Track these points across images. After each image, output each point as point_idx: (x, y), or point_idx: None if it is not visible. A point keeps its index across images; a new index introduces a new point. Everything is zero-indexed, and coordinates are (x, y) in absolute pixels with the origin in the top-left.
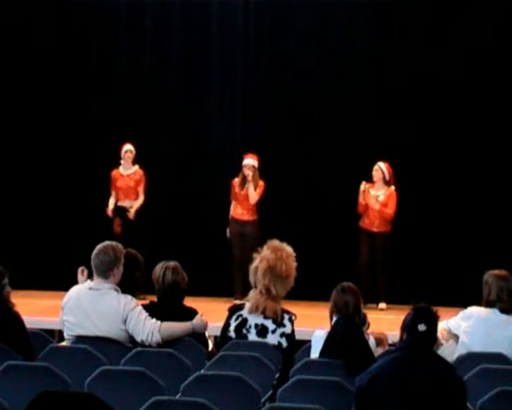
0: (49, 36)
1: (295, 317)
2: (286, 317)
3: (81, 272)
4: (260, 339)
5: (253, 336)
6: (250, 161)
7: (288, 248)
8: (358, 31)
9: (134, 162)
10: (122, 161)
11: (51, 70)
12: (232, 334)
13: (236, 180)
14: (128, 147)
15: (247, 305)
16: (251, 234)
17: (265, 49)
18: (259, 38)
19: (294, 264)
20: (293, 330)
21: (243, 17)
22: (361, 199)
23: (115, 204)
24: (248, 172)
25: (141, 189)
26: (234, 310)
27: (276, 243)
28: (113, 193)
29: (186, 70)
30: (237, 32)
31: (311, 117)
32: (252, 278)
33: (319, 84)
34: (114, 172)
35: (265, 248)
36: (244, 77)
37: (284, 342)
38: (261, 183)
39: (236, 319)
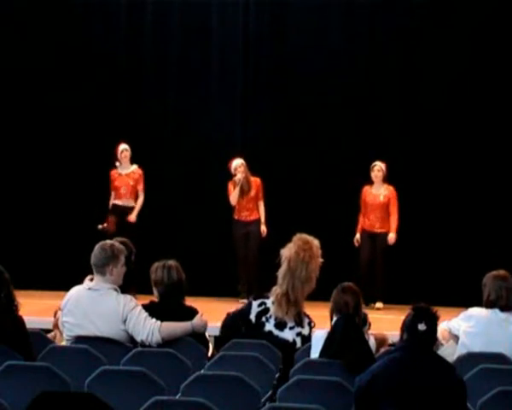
0: (49, 36)
1: (314, 324)
2: (306, 320)
3: (89, 280)
4: (277, 331)
5: (270, 326)
6: (238, 161)
7: (315, 248)
8: (358, 31)
9: (132, 161)
10: (118, 162)
11: (50, 70)
12: (253, 318)
13: (232, 183)
14: (123, 146)
15: (272, 299)
16: (255, 232)
17: (265, 49)
18: (259, 38)
19: (319, 261)
20: (309, 335)
21: (243, 17)
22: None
23: (112, 203)
24: (240, 171)
25: (140, 188)
26: (257, 297)
27: (303, 239)
28: (113, 193)
29: (186, 70)
30: (237, 32)
31: (311, 117)
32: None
33: (319, 85)
34: (113, 172)
35: (292, 244)
36: (244, 77)
37: (299, 342)
38: (258, 180)
39: (260, 305)
